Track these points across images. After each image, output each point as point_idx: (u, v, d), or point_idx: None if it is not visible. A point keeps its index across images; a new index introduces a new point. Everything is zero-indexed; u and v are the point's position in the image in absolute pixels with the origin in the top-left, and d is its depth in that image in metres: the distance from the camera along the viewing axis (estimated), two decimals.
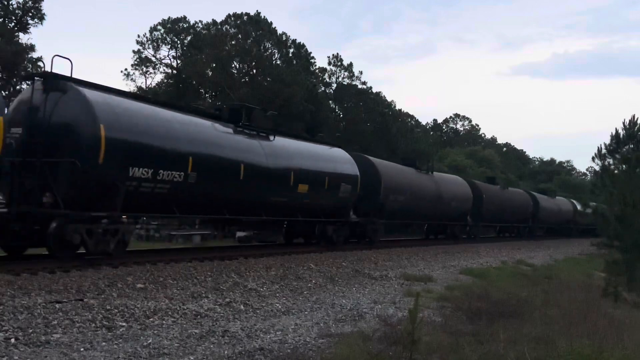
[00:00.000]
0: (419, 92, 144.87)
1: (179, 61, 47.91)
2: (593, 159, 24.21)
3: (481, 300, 11.33)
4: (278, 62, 46.04)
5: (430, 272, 16.51)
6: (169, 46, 48.42)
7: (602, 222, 21.95)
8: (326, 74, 52.64)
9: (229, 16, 46.05)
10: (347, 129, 48.86)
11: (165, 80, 47.70)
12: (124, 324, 7.78)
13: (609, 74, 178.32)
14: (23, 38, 34.78)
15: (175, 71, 47.72)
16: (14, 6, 34.80)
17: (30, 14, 35.02)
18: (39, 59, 33.72)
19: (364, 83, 53.32)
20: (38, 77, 12.96)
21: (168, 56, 48.65)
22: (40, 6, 35.01)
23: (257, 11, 46.90)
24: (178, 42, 48.18)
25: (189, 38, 47.55)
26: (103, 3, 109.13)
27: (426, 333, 7.36)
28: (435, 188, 29.15)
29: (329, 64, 52.65)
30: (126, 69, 49.34)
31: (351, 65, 52.62)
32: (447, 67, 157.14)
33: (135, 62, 48.42)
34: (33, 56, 33.67)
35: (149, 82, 48.51)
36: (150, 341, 7.01)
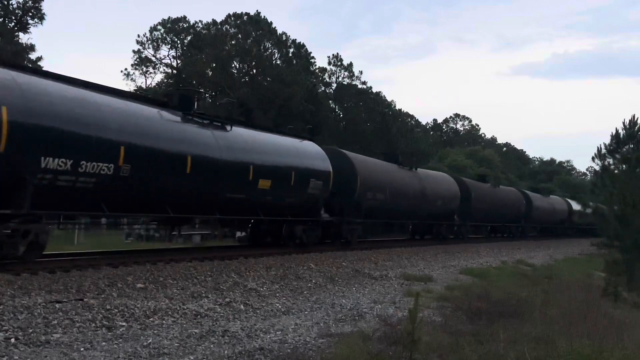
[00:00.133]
0: (419, 92, 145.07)
1: (179, 61, 47.98)
2: (593, 159, 24.22)
3: (481, 300, 11.33)
4: (278, 62, 46.11)
5: (430, 272, 16.50)
6: (169, 46, 48.56)
7: (602, 222, 21.99)
8: (326, 74, 52.78)
9: (229, 16, 46.17)
10: (347, 129, 48.95)
11: (165, 80, 47.76)
12: (124, 324, 7.78)
13: (609, 74, 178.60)
14: (23, 38, 34.92)
15: (175, 71, 47.77)
16: (14, 6, 34.88)
17: (30, 14, 35.08)
18: (39, 59, 33.83)
19: (364, 83, 53.51)
20: None
21: (168, 56, 48.79)
22: (40, 6, 35.12)
23: (257, 11, 47.08)
24: (178, 42, 48.27)
25: (189, 38, 47.64)
26: (103, 3, 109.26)
27: (426, 333, 7.36)
28: (419, 185, 27.55)
29: (329, 64, 52.82)
30: (126, 69, 49.48)
31: (351, 65, 52.79)
32: (447, 67, 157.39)
33: (135, 62, 48.56)
34: (33, 56, 33.78)
35: (149, 82, 48.59)
36: (150, 341, 7.01)
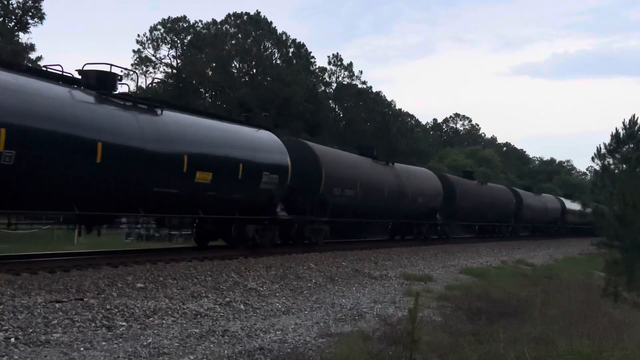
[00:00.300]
0: (419, 92, 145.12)
1: (179, 61, 47.96)
2: (593, 159, 24.26)
3: (481, 300, 11.33)
4: (278, 62, 46.12)
5: (430, 272, 16.50)
6: (169, 46, 48.49)
7: (602, 222, 22.01)
8: (326, 74, 52.74)
9: (229, 16, 46.17)
10: (347, 129, 48.93)
11: (165, 80, 47.73)
12: (124, 324, 7.78)
13: (609, 74, 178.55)
14: (23, 38, 34.93)
15: (175, 71, 47.76)
16: (14, 6, 34.88)
17: (30, 14, 35.09)
18: (39, 59, 33.85)
19: (364, 83, 53.45)
20: None
21: (168, 56, 48.73)
22: (40, 6, 35.12)
23: (257, 11, 47.04)
24: (178, 42, 48.24)
25: (189, 38, 47.61)
26: (103, 3, 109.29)
27: (426, 333, 7.36)
28: (396, 181, 25.48)
29: (329, 64, 52.76)
30: (126, 69, 49.35)
31: (351, 65, 52.74)
32: (447, 67, 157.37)
33: (135, 62, 48.47)
34: (33, 56, 33.79)
35: (149, 82, 48.56)
36: (150, 341, 7.01)
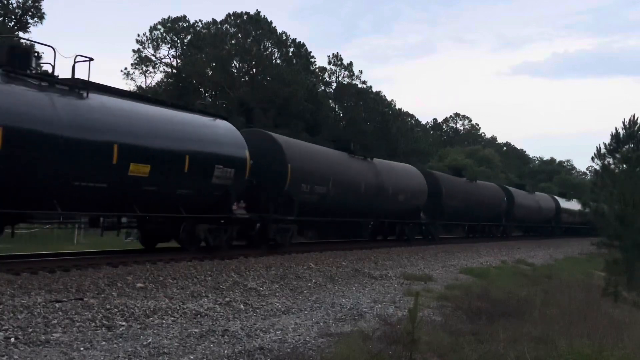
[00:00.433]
0: (419, 92, 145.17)
1: (179, 60, 47.95)
2: (593, 159, 24.28)
3: (481, 299, 11.33)
4: (278, 62, 46.12)
5: (430, 272, 16.50)
6: (169, 45, 48.50)
7: (602, 222, 22.02)
8: (326, 74, 52.74)
9: (229, 15, 46.18)
10: (347, 129, 48.93)
11: (165, 79, 47.73)
12: (124, 323, 7.78)
13: (609, 74, 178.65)
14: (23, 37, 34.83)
15: (175, 70, 47.75)
16: (14, 5, 34.87)
17: (30, 13, 35.08)
18: (39, 58, 33.78)
19: (364, 82, 53.47)
20: None
21: (168, 55, 48.73)
22: (40, 5, 35.11)
23: (257, 10, 47.04)
24: (178, 42, 48.24)
25: (189, 37, 47.61)
26: (103, 2, 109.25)
27: (426, 332, 7.36)
28: (375, 178, 23.80)
29: (329, 64, 52.78)
30: (126, 68, 49.36)
31: (351, 64, 52.75)
32: (447, 67, 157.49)
33: (135, 62, 48.49)
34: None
35: (149, 82, 48.56)
36: (150, 340, 7.01)
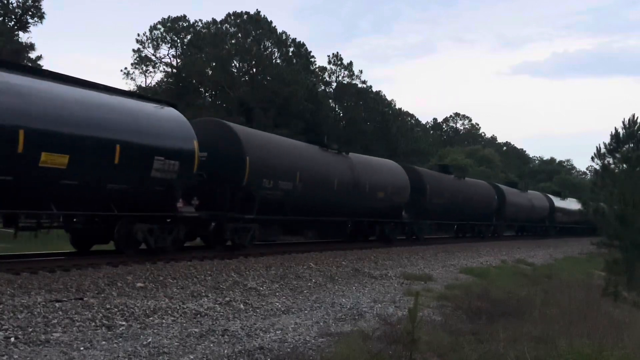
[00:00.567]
0: (419, 92, 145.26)
1: (179, 60, 47.92)
2: (593, 159, 24.28)
3: (481, 299, 11.32)
4: (278, 61, 46.10)
5: (430, 271, 16.49)
6: (169, 45, 48.47)
7: (602, 222, 22.02)
8: (326, 73, 52.72)
9: (229, 15, 46.17)
10: (347, 128, 48.92)
11: (165, 79, 47.71)
12: (124, 323, 7.78)
13: (609, 74, 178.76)
14: (23, 37, 34.89)
15: (175, 70, 47.72)
16: (14, 5, 34.86)
17: (30, 13, 35.06)
18: (39, 58, 33.84)
19: (364, 82, 53.43)
20: None
21: (168, 55, 48.70)
22: (40, 5, 35.09)
23: (257, 10, 47.01)
24: (178, 41, 48.21)
25: (189, 37, 47.59)
26: (103, 2, 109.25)
27: (426, 332, 7.35)
28: (350, 173, 22.01)
29: (329, 63, 52.75)
30: (126, 68, 49.35)
31: (351, 64, 52.72)
32: (447, 67, 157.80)
33: (135, 61, 48.46)
34: (32, 55, 33.78)
35: (149, 81, 48.54)
36: (150, 340, 7.01)
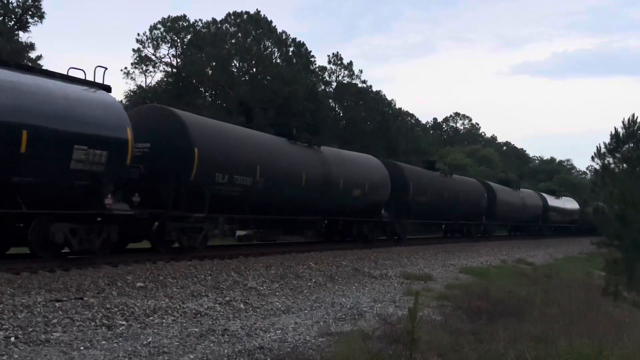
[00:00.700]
0: (419, 91, 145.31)
1: (179, 60, 47.89)
2: (593, 158, 24.34)
3: (481, 299, 11.32)
4: (278, 61, 46.08)
5: (430, 271, 16.49)
6: (169, 45, 48.42)
7: (602, 221, 22.03)
8: (326, 73, 52.67)
9: (229, 15, 46.14)
10: (347, 128, 48.91)
11: (165, 79, 47.68)
12: (124, 323, 7.78)
13: (609, 73, 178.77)
14: (23, 36, 34.86)
15: (175, 70, 47.70)
16: (14, 4, 34.85)
17: (30, 13, 35.04)
18: (39, 58, 33.85)
19: (364, 82, 53.36)
20: None
21: (168, 55, 48.66)
22: (40, 5, 35.07)
23: (257, 10, 46.98)
24: (178, 41, 48.16)
25: (189, 37, 47.55)
26: (103, 2, 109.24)
27: (426, 332, 7.35)
28: (321, 168, 20.36)
29: (329, 63, 52.71)
30: (126, 68, 49.28)
31: (351, 64, 52.68)
32: (447, 66, 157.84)
33: (135, 61, 48.40)
34: (33, 55, 33.78)
35: (149, 81, 48.51)
36: (150, 340, 7.01)
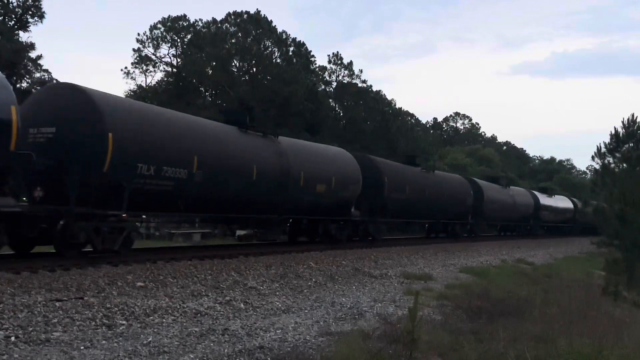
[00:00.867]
0: (419, 91, 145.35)
1: (179, 60, 47.88)
2: (593, 158, 24.34)
3: (481, 298, 11.33)
4: (278, 61, 46.04)
5: (430, 271, 16.50)
6: (169, 44, 48.40)
7: (602, 221, 22.03)
8: (326, 73, 52.62)
9: (229, 15, 46.09)
10: (347, 128, 48.88)
11: (165, 78, 47.66)
12: (124, 322, 7.78)
13: (609, 73, 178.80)
14: (23, 36, 34.81)
15: (175, 70, 47.68)
16: (14, 4, 34.83)
17: (30, 12, 35.01)
18: (39, 57, 33.83)
19: (364, 82, 53.29)
20: None
21: (168, 55, 48.64)
22: (40, 4, 35.03)
23: (257, 10, 46.90)
24: (178, 41, 48.14)
25: (189, 36, 47.52)
26: (103, 1, 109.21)
27: (426, 331, 7.36)
28: (277, 161, 18.22)
29: (329, 63, 52.64)
30: (126, 68, 49.27)
31: (351, 63, 52.62)
32: (447, 66, 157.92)
33: (135, 61, 48.38)
34: (33, 54, 33.76)
35: (149, 81, 48.50)
36: (150, 339, 7.01)
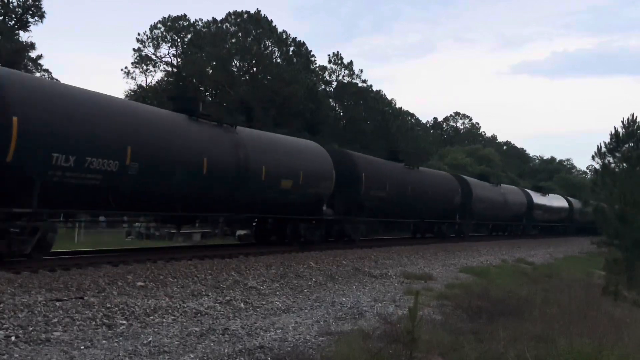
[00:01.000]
0: (419, 91, 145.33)
1: (179, 59, 47.90)
2: (593, 158, 24.35)
3: (481, 298, 11.32)
4: (278, 61, 46.07)
5: (430, 271, 16.50)
6: (169, 44, 48.45)
7: (603, 221, 22.04)
8: (326, 73, 52.68)
9: (229, 14, 46.13)
10: (347, 128, 48.92)
11: (165, 78, 47.69)
12: (124, 322, 7.79)
13: (609, 73, 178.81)
14: (23, 36, 34.88)
15: (175, 69, 47.70)
16: (14, 4, 34.85)
17: (30, 12, 35.05)
18: (39, 57, 33.87)
19: (364, 81, 53.35)
20: None
21: (168, 54, 48.67)
22: (40, 4, 35.07)
23: (258, 9, 46.94)
24: (178, 41, 48.19)
25: (189, 36, 47.56)
26: (103, 1, 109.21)
27: (426, 331, 7.36)
28: (233, 153, 16.23)
29: (329, 62, 52.72)
30: (126, 67, 49.32)
31: (351, 63, 52.67)
32: (447, 66, 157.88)
33: (135, 61, 48.42)
34: (33, 54, 33.80)
35: (149, 81, 48.52)
36: (150, 339, 7.02)
